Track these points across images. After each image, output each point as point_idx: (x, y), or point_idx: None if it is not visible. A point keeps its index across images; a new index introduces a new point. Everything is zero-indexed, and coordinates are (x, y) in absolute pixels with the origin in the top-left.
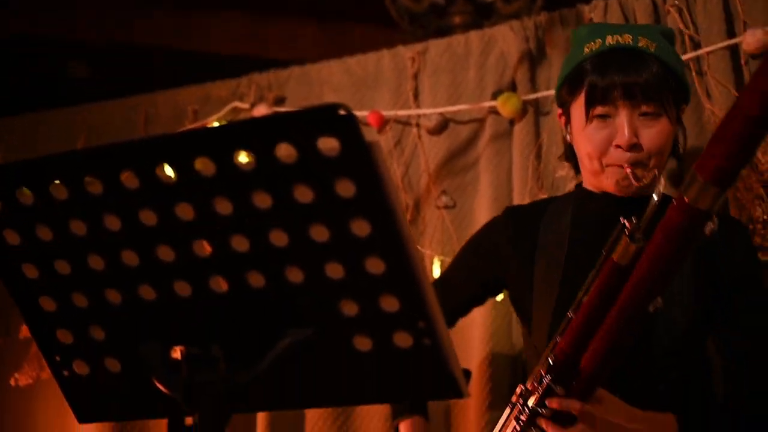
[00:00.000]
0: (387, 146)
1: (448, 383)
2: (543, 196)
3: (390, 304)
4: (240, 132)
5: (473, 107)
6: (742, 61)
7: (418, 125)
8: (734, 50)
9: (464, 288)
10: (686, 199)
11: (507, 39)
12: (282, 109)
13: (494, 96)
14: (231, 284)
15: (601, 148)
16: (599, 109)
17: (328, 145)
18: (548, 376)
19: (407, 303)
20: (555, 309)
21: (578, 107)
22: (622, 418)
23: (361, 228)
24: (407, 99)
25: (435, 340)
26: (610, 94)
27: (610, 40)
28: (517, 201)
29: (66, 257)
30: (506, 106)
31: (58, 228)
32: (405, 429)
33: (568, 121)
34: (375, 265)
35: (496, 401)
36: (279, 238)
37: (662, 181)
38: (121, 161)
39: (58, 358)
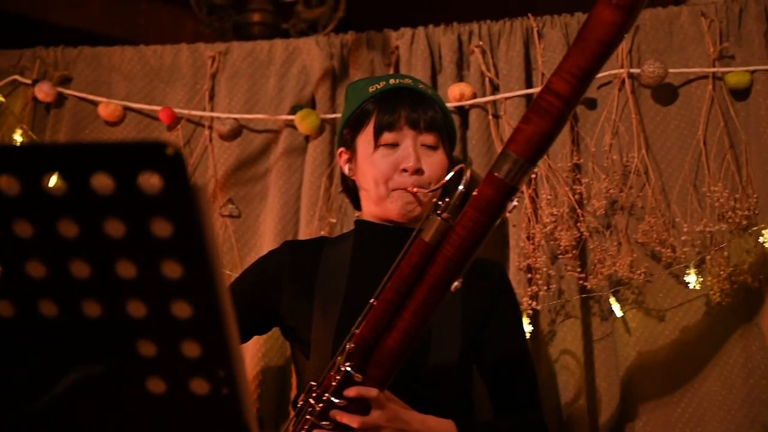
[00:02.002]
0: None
1: None
2: (331, 218)
3: (191, 349)
4: (55, 154)
5: (269, 118)
6: None
7: (210, 128)
8: (530, 99)
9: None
10: (497, 175)
11: (311, 53)
12: (67, 91)
13: (293, 110)
14: (18, 310)
15: (387, 173)
16: (386, 136)
17: (150, 181)
18: (347, 364)
19: (209, 351)
20: (336, 334)
21: (365, 138)
22: (407, 416)
23: (172, 270)
24: (202, 99)
25: (233, 389)
26: (397, 122)
27: (393, 81)
28: (304, 219)
29: None
30: (304, 122)
31: None
32: None
33: (351, 158)
34: (181, 309)
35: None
36: (80, 269)
37: (468, 172)
38: None
39: None
